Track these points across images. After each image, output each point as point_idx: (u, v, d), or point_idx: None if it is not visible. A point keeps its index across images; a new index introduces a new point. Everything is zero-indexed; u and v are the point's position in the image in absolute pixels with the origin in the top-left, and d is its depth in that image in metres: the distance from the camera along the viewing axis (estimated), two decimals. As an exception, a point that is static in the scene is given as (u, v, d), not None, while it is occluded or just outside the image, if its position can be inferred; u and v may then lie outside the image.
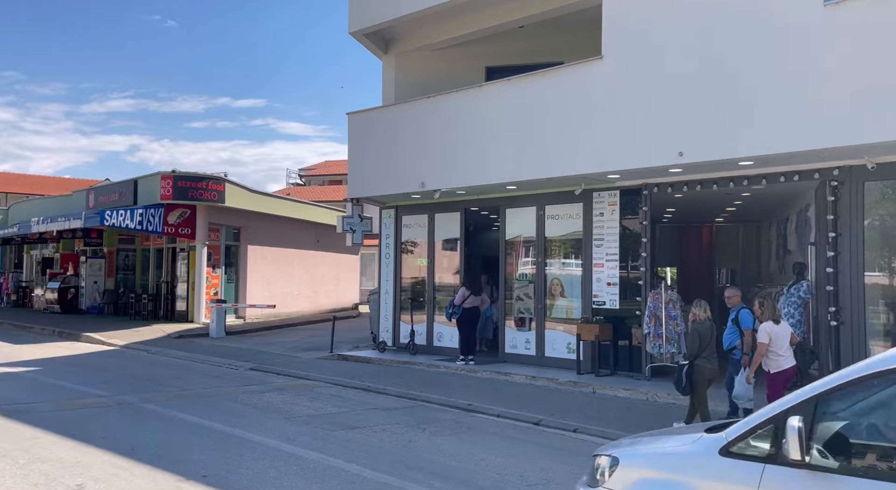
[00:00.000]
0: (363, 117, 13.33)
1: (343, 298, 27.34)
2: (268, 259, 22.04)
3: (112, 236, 23.38)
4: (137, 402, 9.11)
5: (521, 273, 12.27)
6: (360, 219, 13.47)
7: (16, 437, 7.03)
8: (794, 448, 2.67)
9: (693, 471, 3.08)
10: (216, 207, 19.53)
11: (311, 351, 15.24)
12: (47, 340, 17.06)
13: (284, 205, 22.93)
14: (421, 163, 12.07)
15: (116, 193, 20.40)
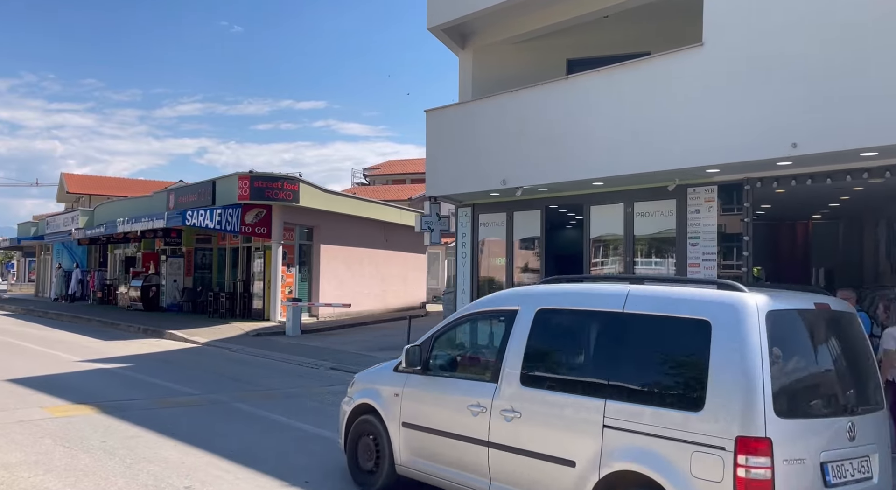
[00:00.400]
0: (441, 114, 13.09)
1: (411, 297, 27.33)
2: (339, 258, 22.22)
3: (190, 236, 24.11)
4: (228, 402, 9.17)
5: (607, 273, 11.74)
6: (438, 218, 13.25)
7: (119, 434, 7.13)
8: (417, 363, 5.33)
9: (379, 380, 5.78)
10: (290, 207, 19.79)
11: (386, 350, 15.16)
12: (134, 337, 17.68)
13: (355, 204, 23.06)
14: (502, 159, 11.73)
15: (195, 194, 20.98)
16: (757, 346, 3.67)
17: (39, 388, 9.67)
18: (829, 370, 4.13)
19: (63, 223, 30.37)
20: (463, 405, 4.87)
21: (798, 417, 3.75)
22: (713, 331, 3.80)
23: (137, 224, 20.30)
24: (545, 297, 4.92)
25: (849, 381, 4.17)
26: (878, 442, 4.08)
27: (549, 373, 4.66)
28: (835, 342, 4.25)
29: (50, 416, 7.90)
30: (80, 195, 49.17)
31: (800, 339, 4.10)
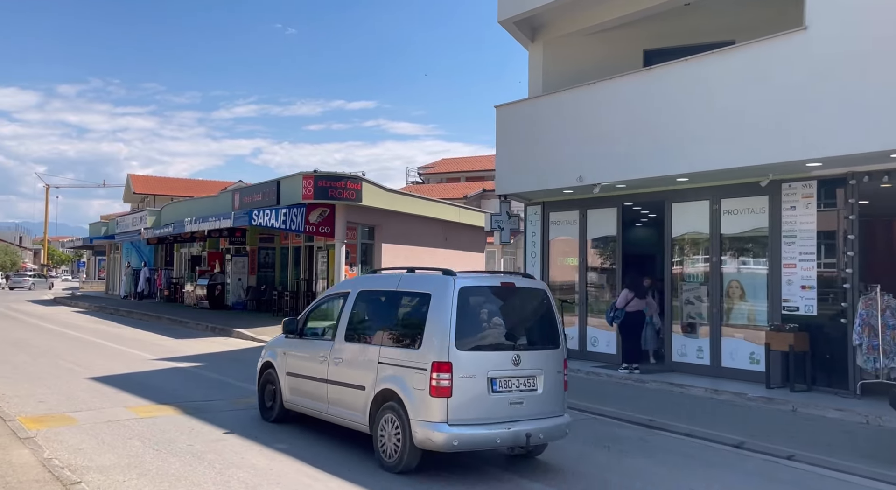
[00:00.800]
0: (511, 110, 12.74)
1: (470, 296, 27.07)
2: (400, 257, 22.12)
3: (254, 235, 24.49)
4: (304, 403, 9.06)
5: (690, 273, 11.16)
6: (508, 216, 12.90)
7: (204, 437, 7.08)
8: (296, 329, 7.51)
9: (275, 344, 7.91)
10: (353, 206, 19.79)
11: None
12: (203, 336, 18.00)
13: (415, 203, 22.93)
14: (577, 155, 11.29)
15: (260, 194, 21.24)
16: (450, 309, 5.77)
17: (121, 387, 9.81)
18: (501, 322, 6.22)
19: (132, 223, 31.40)
20: (316, 357, 7.12)
21: (472, 350, 5.81)
22: (431, 299, 5.95)
23: (204, 224, 20.69)
24: (363, 282, 7.36)
25: (520, 329, 6.37)
26: (544, 368, 6.11)
27: (357, 332, 6.81)
28: (515, 305, 6.37)
29: (135, 416, 7.94)
30: (144, 195, 50.99)
31: (482, 304, 6.14)
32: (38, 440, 6.55)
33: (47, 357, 12.99)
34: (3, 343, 15.29)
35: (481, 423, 5.76)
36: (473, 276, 6.52)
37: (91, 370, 11.38)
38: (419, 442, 5.72)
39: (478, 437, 5.73)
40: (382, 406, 6.11)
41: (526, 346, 6.14)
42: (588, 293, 12.65)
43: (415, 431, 5.74)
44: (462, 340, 5.75)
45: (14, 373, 10.90)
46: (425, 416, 5.70)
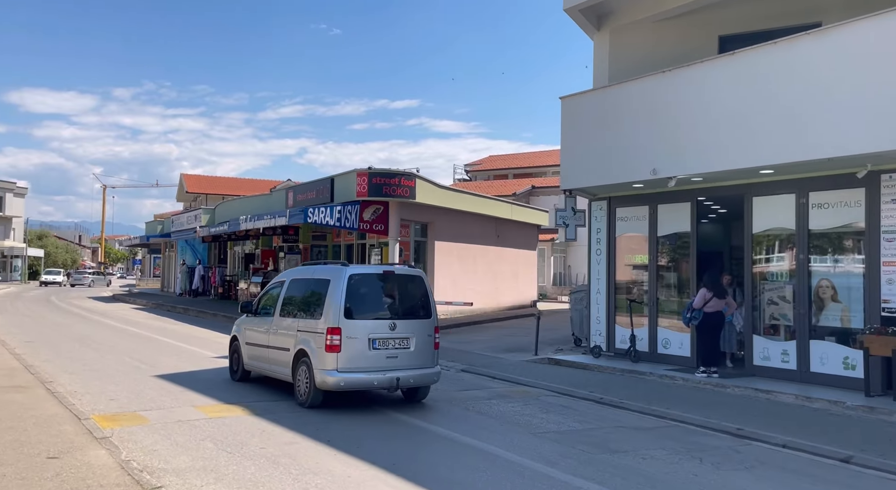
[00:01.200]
0: (577, 101, 12.23)
1: (522, 296, 26.57)
2: (452, 255, 21.83)
3: (307, 233, 24.58)
4: (370, 405, 8.82)
5: (773, 272, 10.47)
6: (574, 212, 12.40)
7: (276, 440, 6.88)
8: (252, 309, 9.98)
9: (240, 321, 10.24)
10: (407, 203, 19.58)
11: (513, 352, 14.52)
12: (259, 332, 18.07)
13: (468, 200, 22.58)
14: (651, 147, 10.73)
15: (314, 191, 21.24)
16: (342, 290, 8.06)
17: (187, 385, 9.76)
18: (381, 299, 8.50)
19: (186, 221, 32.01)
20: (263, 329, 9.44)
21: (356, 319, 8.06)
22: (330, 283, 8.27)
23: (259, 221, 20.81)
24: (294, 272, 9.64)
25: (398, 304, 8.54)
26: (416, 333, 8.34)
27: (287, 309, 9.08)
28: (395, 287, 8.65)
29: (205, 416, 7.82)
30: (197, 194, 52.14)
31: (367, 285, 8.42)
32: (114, 440, 6.46)
33: (113, 354, 13.15)
34: (70, 340, 15.63)
35: (363, 371, 8.12)
36: (364, 266, 9.34)
37: (156, 368, 11.43)
38: (319, 384, 8.17)
39: (359, 380, 8.13)
40: (299, 361, 8.54)
41: (401, 316, 8.45)
42: (658, 292, 12.05)
43: (316, 377, 8.18)
44: (349, 311, 8.16)
45: (83, 369, 11.02)
46: (322, 366, 8.11)
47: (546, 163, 46.94)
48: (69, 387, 9.34)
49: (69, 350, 13.57)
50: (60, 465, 5.52)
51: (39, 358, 12.11)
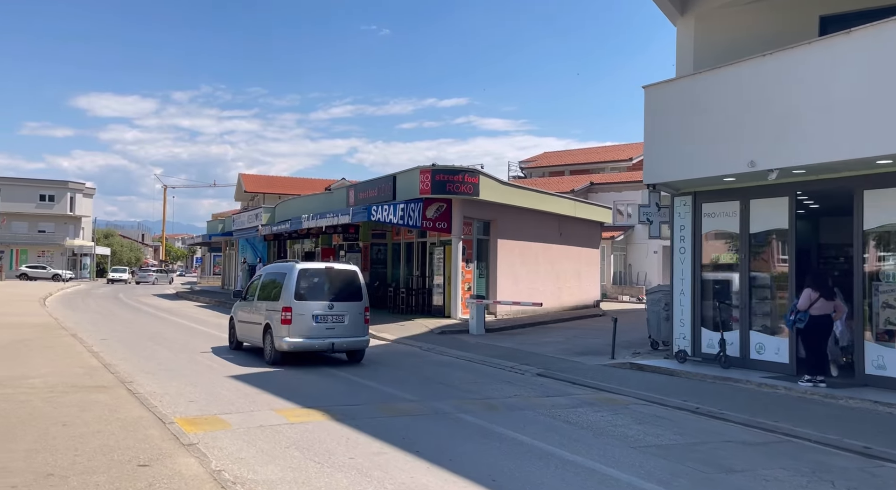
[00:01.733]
0: (662, 91, 11.51)
1: (585, 295, 25.81)
2: (515, 253, 21.29)
3: (367, 231, 24.45)
4: (453, 412, 8.42)
5: (889, 272, 9.55)
6: (658, 208, 11.69)
7: (363, 449, 6.54)
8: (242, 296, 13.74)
9: (236, 305, 13.95)
10: (469, 201, 19.15)
11: (587, 355, 13.89)
12: (323, 331, 17.97)
13: (531, 196, 21.98)
14: (747, 138, 9.95)
15: (376, 189, 21.05)
16: (294, 279, 11.28)
17: (261, 387, 9.59)
18: (323, 287, 11.47)
19: (248, 220, 32.46)
20: (247, 310, 12.79)
21: (302, 301, 11.23)
22: (287, 275, 11.50)
23: (322, 220, 20.75)
24: (268, 268, 13.19)
25: (336, 290, 11.56)
26: (349, 311, 11.49)
27: (262, 294, 12.28)
28: (334, 278, 11.70)
29: (285, 421, 7.57)
30: (254, 193, 53.12)
31: (313, 277, 11.52)
32: (201, 447, 6.24)
33: (185, 353, 13.19)
34: (142, 337, 15.84)
35: (308, 338, 11.31)
36: (312, 263, 12.52)
37: (227, 368, 11.35)
38: (277, 347, 11.40)
39: (304, 343, 11.30)
40: (266, 331, 11.81)
41: (338, 299, 11.53)
42: (751, 294, 11.23)
43: (275, 342, 11.41)
44: (298, 295, 11.30)
45: (159, 369, 11.02)
46: (279, 334, 11.32)
47: (604, 159, 45.77)
48: (148, 387, 9.28)
49: (143, 348, 13.69)
50: (152, 473, 5.30)
51: (116, 356, 12.22)
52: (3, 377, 9.40)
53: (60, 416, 7.14)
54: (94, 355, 11.98)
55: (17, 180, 62.84)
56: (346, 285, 11.77)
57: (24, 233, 62.39)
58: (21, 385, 8.81)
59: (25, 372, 9.88)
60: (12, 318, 19.65)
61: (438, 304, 19.64)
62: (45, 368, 10.23)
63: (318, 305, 11.34)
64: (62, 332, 15.88)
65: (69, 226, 65.28)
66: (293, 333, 11.19)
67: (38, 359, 11.34)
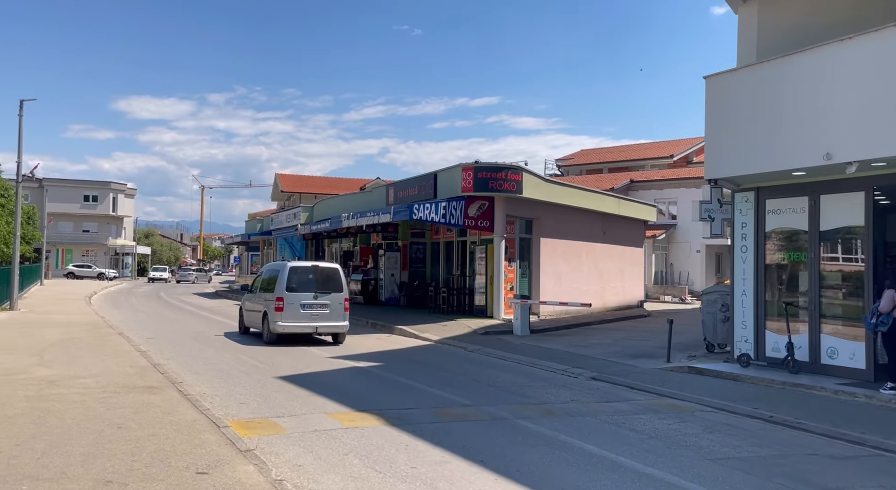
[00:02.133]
0: (726, 80, 10.94)
1: (628, 295, 25.15)
2: (558, 252, 20.80)
3: (406, 230, 24.23)
4: (509, 418, 8.05)
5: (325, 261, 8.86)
6: (720, 204, 11.12)
7: (424, 458, 6.23)
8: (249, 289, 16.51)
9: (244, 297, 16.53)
10: (512, 198, 18.74)
11: (640, 358, 13.37)
12: (365, 331, 17.78)
13: (574, 194, 21.46)
14: (822, 129, 9.35)
15: (416, 187, 20.79)
16: (286, 275, 13.90)
17: (311, 388, 9.37)
18: (310, 281, 13.96)
19: (286, 219, 32.58)
20: (252, 301, 15.19)
21: (292, 292, 13.76)
22: (280, 272, 14.12)
23: (362, 219, 20.58)
24: (267, 266, 16.49)
25: (321, 284, 14.07)
26: (331, 301, 13.93)
27: (263, 287, 14.80)
28: (319, 274, 14.30)
29: (340, 425, 7.31)
30: (291, 193, 53.52)
31: (302, 274, 14.13)
32: (258, 453, 6.00)
33: (230, 351, 13.10)
34: (186, 336, 15.85)
35: (297, 322, 13.60)
36: (301, 262, 16.35)
37: (274, 367, 11.19)
38: (272, 330, 13.65)
39: (293, 327, 13.59)
40: (264, 317, 14.05)
41: (322, 291, 13.85)
42: (821, 294, 10.59)
43: (271, 326, 13.69)
44: (289, 288, 13.61)
45: (206, 369, 10.91)
46: (273, 320, 13.60)
47: (644, 156, 44.79)
48: (198, 388, 9.14)
49: (189, 347, 13.66)
50: (212, 482, 5.07)
51: (163, 356, 12.17)
52: (57, 376, 9.37)
53: (114, 418, 7.00)
54: (143, 354, 11.95)
55: (63, 181, 64.56)
56: (329, 280, 14.25)
57: (69, 232, 64.08)
58: (74, 385, 8.75)
59: (77, 371, 9.85)
60: (61, 316, 19.96)
61: (480, 304, 19.27)
62: (96, 368, 10.20)
63: (306, 296, 13.83)
64: (109, 331, 16.00)
65: (112, 226, 66.82)
66: (285, 319, 13.70)
67: (88, 358, 11.34)
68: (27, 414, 7.06)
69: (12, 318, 18.93)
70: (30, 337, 14.40)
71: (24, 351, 12.05)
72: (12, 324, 17.36)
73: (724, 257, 38.08)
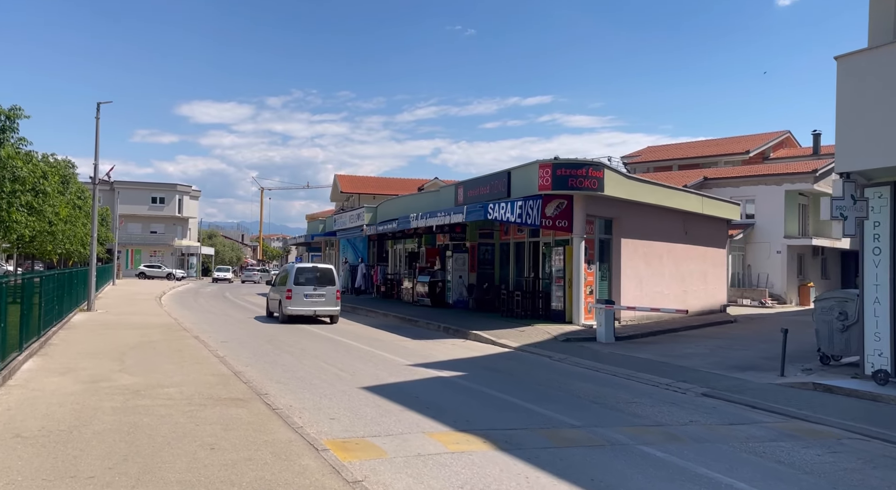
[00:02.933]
0: (862, 61, 9.67)
1: (711, 299, 23.65)
2: (638, 253, 19.61)
3: (474, 230, 23.46)
4: (630, 443, 7.14)
5: None
6: (854, 200, 9.85)
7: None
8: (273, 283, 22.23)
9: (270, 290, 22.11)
10: (592, 197, 17.71)
11: (747, 371, 12.18)
12: (437, 336, 17.10)
13: (657, 191, 20.21)
14: None
15: (487, 186, 19.99)
16: (294, 273, 19.42)
17: (399, 401, 8.70)
18: (313, 278, 19.42)
19: (349, 220, 32.33)
20: (274, 291, 21.03)
21: (299, 286, 19.15)
22: (289, 271, 19.93)
23: (432, 219, 19.93)
24: (285, 267, 23.05)
25: (319, 279, 19.42)
26: (326, 292, 19.24)
27: (278, 282, 20.73)
28: (318, 272, 19.70)
29: (444, 449, 6.58)
30: (349, 194, 53.62)
31: (306, 272, 19.63)
32: (367, 485, 5.32)
33: (307, 358, 12.62)
34: (260, 339, 15.54)
35: (301, 307, 18.93)
36: (306, 264, 25.31)
37: (357, 377, 10.61)
38: (284, 312, 19.02)
39: (299, 310, 18.88)
40: (279, 303, 19.41)
41: (320, 285, 19.10)
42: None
43: (283, 310, 19.04)
44: (296, 282, 18.94)
45: (288, 377, 10.40)
46: (285, 306, 18.97)
47: (717, 152, 42.65)
48: (283, 399, 8.60)
49: (265, 352, 13.27)
50: (326, 524, 4.39)
51: (241, 361, 11.78)
52: (140, 385, 9.02)
53: (205, 436, 6.48)
54: (221, 360, 11.59)
55: (132, 184, 66.81)
56: (325, 277, 19.53)
57: (138, 233, 66.26)
58: (158, 395, 8.35)
59: (160, 380, 9.48)
60: (136, 317, 20.10)
61: (557, 309, 18.30)
62: (178, 376, 9.82)
63: (307, 289, 19.13)
64: (184, 334, 15.85)
65: (177, 227, 68.75)
66: (293, 305, 19.04)
67: (167, 364, 11.04)
68: (116, 429, 6.62)
69: (91, 319, 19.14)
70: (109, 340, 14.34)
71: (105, 355, 11.87)
72: (91, 325, 17.49)
73: (807, 258, 35.69)
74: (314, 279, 19.22)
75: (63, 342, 13.77)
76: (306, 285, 19.02)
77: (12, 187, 15.45)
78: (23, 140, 16.18)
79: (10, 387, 8.80)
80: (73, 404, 7.73)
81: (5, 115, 15.69)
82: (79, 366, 10.64)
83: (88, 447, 5.98)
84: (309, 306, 19.02)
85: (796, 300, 33.56)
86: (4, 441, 6.13)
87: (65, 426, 6.71)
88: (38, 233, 19.47)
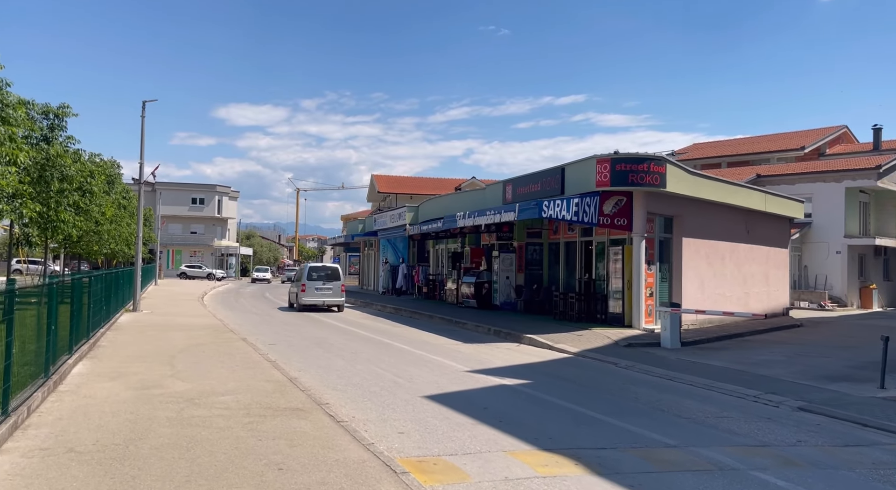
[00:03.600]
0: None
1: (773, 302, 22.42)
2: (700, 254, 18.57)
3: (522, 230, 22.67)
4: (740, 467, 6.31)
5: None
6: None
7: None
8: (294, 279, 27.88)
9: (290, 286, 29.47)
10: (652, 194, 16.78)
11: (838, 381, 11.15)
12: (489, 339, 16.38)
13: (720, 188, 19.16)
14: None
15: (538, 183, 19.20)
16: (307, 271, 24.51)
17: (468, 413, 8.01)
18: (323, 275, 24.59)
19: (390, 220, 31.84)
20: (293, 287, 26.07)
21: (311, 281, 24.19)
22: (304, 270, 25.10)
23: (481, 217, 19.22)
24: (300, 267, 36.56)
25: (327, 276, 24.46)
26: (333, 286, 24.27)
27: (295, 279, 26.70)
28: (327, 271, 24.94)
29: (534, 473, 5.86)
30: (386, 194, 53.26)
31: (317, 271, 24.68)
32: (461, 519, 4.63)
33: (359, 362, 12.04)
34: (307, 341, 15.06)
35: (313, 298, 23.90)
36: (316, 263, 32.30)
37: (414, 383, 9.98)
38: (299, 302, 24.22)
39: (311, 300, 23.91)
40: (296, 296, 24.70)
41: (328, 280, 24.24)
42: None
43: (299, 300, 24.28)
44: (308, 278, 24.15)
45: (344, 384, 9.81)
46: (300, 297, 24.16)
47: (769, 148, 40.95)
48: (344, 409, 8.00)
49: (315, 356, 12.74)
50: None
51: (293, 366, 11.26)
52: (194, 392, 8.52)
53: (269, 453, 5.89)
54: (274, 365, 11.08)
55: (173, 185, 67.72)
56: (332, 274, 24.30)
57: (178, 234, 67.15)
58: (214, 404, 7.82)
59: (213, 386, 8.98)
60: (181, 318, 19.87)
61: (615, 312, 17.40)
62: (232, 382, 9.31)
63: (318, 283, 23.64)
64: (232, 336, 15.46)
65: (217, 227, 69.49)
66: (306, 297, 23.54)
67: (219, 368, 10.57)
68: (174, 444, 6.07)
69: (137, 320, 18.97)
70: (156, 342, 14.01)
71: (154, 359, 11.48)
72: (138, 326, 17.27)
73: (868, 259, 33.89)
74: (324, 276, 24.11)
75: (111, 344, 13.48)
76: (317, 281, 23.82)
77: (60, 186, 15.28)
78: (71, 139, 16.02)
79: (62, 392, 8.40)
80: (127, 414, 7.25)
81: (54, 114, 15.54)
82: (129, 370, 10.23)
83: (147, 465, 5.44)
84: (319, 298, 23.67)
85: (857, 303, 31.86)
86: (58, 457, 5.64)
87: (120, 439, 6.20)
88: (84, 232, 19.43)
